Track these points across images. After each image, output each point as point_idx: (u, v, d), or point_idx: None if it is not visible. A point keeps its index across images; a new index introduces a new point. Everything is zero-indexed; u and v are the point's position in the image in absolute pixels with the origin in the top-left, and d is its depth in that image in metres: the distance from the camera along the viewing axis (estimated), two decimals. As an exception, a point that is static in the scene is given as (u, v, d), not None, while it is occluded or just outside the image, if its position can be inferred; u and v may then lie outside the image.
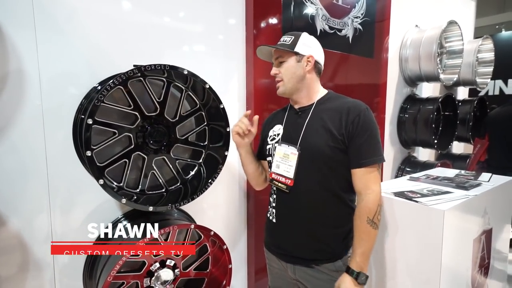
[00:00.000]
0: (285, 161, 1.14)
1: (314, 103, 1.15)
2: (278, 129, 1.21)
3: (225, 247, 1.31)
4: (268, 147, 1.22)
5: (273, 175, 1.17)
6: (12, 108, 1.09)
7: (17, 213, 1.13)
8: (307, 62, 1.13)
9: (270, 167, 1.21)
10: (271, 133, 1.23)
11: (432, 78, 2.66)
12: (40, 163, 1.15)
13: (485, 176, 1.81)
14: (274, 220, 1.17)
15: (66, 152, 1.20)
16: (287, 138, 1.16)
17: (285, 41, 1.14)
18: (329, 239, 1.11)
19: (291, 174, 1.11)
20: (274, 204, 1.18)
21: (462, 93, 3.68)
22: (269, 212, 1.21)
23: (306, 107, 1.16)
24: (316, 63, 1.16)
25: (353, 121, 1.05)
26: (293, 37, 1.14)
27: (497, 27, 6.29)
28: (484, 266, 1.64)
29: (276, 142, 1.18)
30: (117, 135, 1.18)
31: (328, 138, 1.07)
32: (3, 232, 1.11)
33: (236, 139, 1.21)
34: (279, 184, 1.14)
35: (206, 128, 1.41)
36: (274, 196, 1.18)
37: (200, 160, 1.42)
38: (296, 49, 1.11)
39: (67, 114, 1.19)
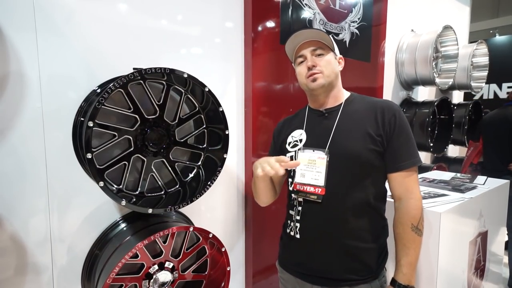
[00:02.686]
0: (311, 168, 1.02)
1: (342, 103, 1.09)
2: (299, 135, 1.10)
3: (223, 249, 1.32)
4: (289, 155, 1.09)
5: (298, 186, 1.05)
6: (12, 111, 1.09)
7: (16, 215, 1.12)
8: (339, 62, 1.11)
9: (291, 177, 1.09)
10: (290, 139, 1.12)
11: (428, 82, 2.70)
12: (40, 165, 1.15)
13: (480, 179, 1.84)
14: (297, 236, 1.04)
15: (65, 155, 1.20)
16: (312, 143, 1.05)
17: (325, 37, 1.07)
18: (365, 255, 0.99)
19: (321, 182, 0.99)
20: (298, 218, 1.05)
21: (457, 97, 3.73)
22: (290, 227, 1.08)
23: (334, 108, 1.08)
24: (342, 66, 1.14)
25: (390, 121, 0.98)
26: (326, 34, 1.07)
27: (491, 31, 6.37)
28: (479, 268, 1.66)
29: (299, 149, 1.07)
30: (116, 137, 1.18)
31: (366, 141, 0.98)
32: (2, 234, 1.10)
33: (259, 175, 0.97)
34: (309, 195, 1.01)
35: (205, 130, 1.42)
36: (299, 209, 1.05)
37: (199, 163, 1.42)
38: (334, 47, 1.09)
39: (66, 117, 1.19)
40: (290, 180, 1.11)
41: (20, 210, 1.13)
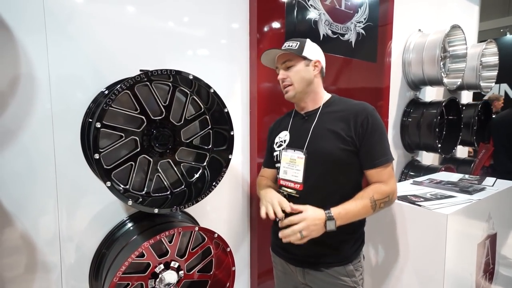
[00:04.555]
0: (292, 166, 1.14)
1: (320, 107, 1.17)
2: (284, 135, 1.22)
3: (228, 249, 1.32)
4: (275, 153, 1.23)
5: (281, 181, 1.17)
6: (23, 111, 1.12)
7: (26, 214, 1.15)
8: (315, 66, 1.15)
9: (278, 173, 1.21)
10: (277, 139, 1.24)
11: (436, 82, 2.66)
12: (49, 165, 1.18)
13: (489, 180, 1.81)
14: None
15: (74, 155, 1.22)
16: (293, 144, 1.16)
17: (291, 46, 1.15)
18: (340, 245, 1.11)
19: (299, 179, 1.11)
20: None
21: (466, 97, 3.67)
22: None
23: (312, 111, 1.17)
24: (321, 68, 1.18)
25: (362, 123, 1.06)
26: (298, 42, 1.15)
27: (501, 30, 6.26)
28: (489, 271, 1.63)
29: (283, 149, 1.19)
30: (123, 138, 1.20)
31: (337, 141, 1.07)
32: (12, 233, 1.13)
33: (262, 216, 1.08)
34: (289, 190, 1.14)
35: (211, 131, 1.43)
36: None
37: (204, 163, 1.43)
38: (304, 54, 1.13)
39: (75, 118, 1.22)
40: (278, 176, 1.22)
41: (30, 209, 1.16)
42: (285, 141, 1.20)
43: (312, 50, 1.16)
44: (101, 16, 1.25)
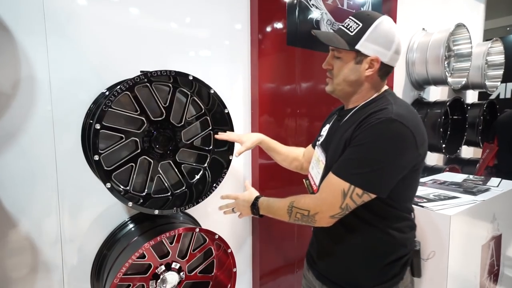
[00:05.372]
0: (316, 165, 1.04)
1: (357, 106, 0.95)
2: (324, 131, 1.09)
3: (229, 250, 1.32)
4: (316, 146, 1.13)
5: (309, 175, 1.10)
6: (23, 113, 1.12)
7: (28, 216, 1.16)
8: (370, 65, 0.89)
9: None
10: (322, 132, 1.11)
11: (440, 81, 2.64)
12: (50, 167, 1.18)
13: (494, 181, 1.78)
14: (312, 229, 1.09)
15: (75, 156, 1.23)
16: (324, 143, 1.03)
17: (349, 28, 0.88)
18: (359, 269, 0.93)
19: (317, 181, 1.00)
20: None
21: (471, 96, 3.63)
22: None
23: (346, 111, 0.98)
24: (384, 65, 0.89)
25: (355, 130, 0.85)
26: (361, 24, 0.87)
27: (508, 29, 6.19)
28: (493, 273, 1.61)
29: (319, 144, 1.08)
30: (124, 139, 1.20)
31: (340, 151, 0.90)
32: (14, 234, 1.14)
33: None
34: (309, 187, 1.07)
35: (211, 132, 1.43)
36: None
37: (205, 164, 1.43)
38: (357, 46, 0.87)
39: (76, 119, 1.22)
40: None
41: (32, 211, 1.16)
42: (322, 136, 1.08)
43: (376, 40, 0.86)
44: (102, 17, 1.25)
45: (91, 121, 1.14)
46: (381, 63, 0.89)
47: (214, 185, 1.33)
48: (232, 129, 1.35)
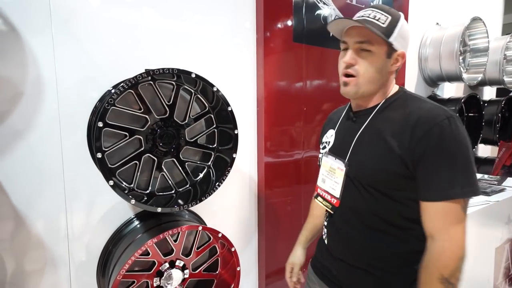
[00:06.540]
0: (331, 176, 0.93)
1: (377, 105, 0.88)
2: (330, 136, 1.00)
3: (233, 249, 1.31)
4: (319, 156, 1.02)
5: (318, 190, 0.99)
6: (31, 112, 1.14)
7: (36, 213, 1.18)
8: (396, 60, 0.85)
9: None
10: (324, 139, 1.03)
11: (454, 77, 2.55)
12: (57, 165, 1.20)
13: (510, 181, 1.71)
14: (326, 241, 1.00)
15: (81, 154, 1.24)
16: (335, 149, 0.95)
17: (379, 20, 0.80)
18: (391, 282, 0.86)
19: (337, 193, 0.90)
20: (325, 223, 1.00)
21: (489, 93, 3.50)
22: (323, 230, 1.03)
23: (365, 111, 0.89)
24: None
25: (422, 137, 0.75)
26: (389, 17, 0.81)
27: (529, 23, 5.92)
28: (509, 277, 1.54)
29: (326, 152, 0.98)
30: (127, 137, 1.21)
31: (386, 159, 0.80)
32: (23, 231, 1.16)
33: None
34: (324, 202, 0.95)
35: (215, 130, 1.42)
36: (327, 213, 0.99)
37: (209, 162, 1.43)
38: (391, 39, 0.81)
39: (82, 117, 1.24)
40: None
41: (39, 208, 1.19)
42: (329, 143, 0.98)
43: (403, 35, 0.83)
44: (108, 15, 1.26)
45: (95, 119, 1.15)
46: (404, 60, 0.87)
47: (217, 183, 1.32)
48: (235, 127, 1.34)
